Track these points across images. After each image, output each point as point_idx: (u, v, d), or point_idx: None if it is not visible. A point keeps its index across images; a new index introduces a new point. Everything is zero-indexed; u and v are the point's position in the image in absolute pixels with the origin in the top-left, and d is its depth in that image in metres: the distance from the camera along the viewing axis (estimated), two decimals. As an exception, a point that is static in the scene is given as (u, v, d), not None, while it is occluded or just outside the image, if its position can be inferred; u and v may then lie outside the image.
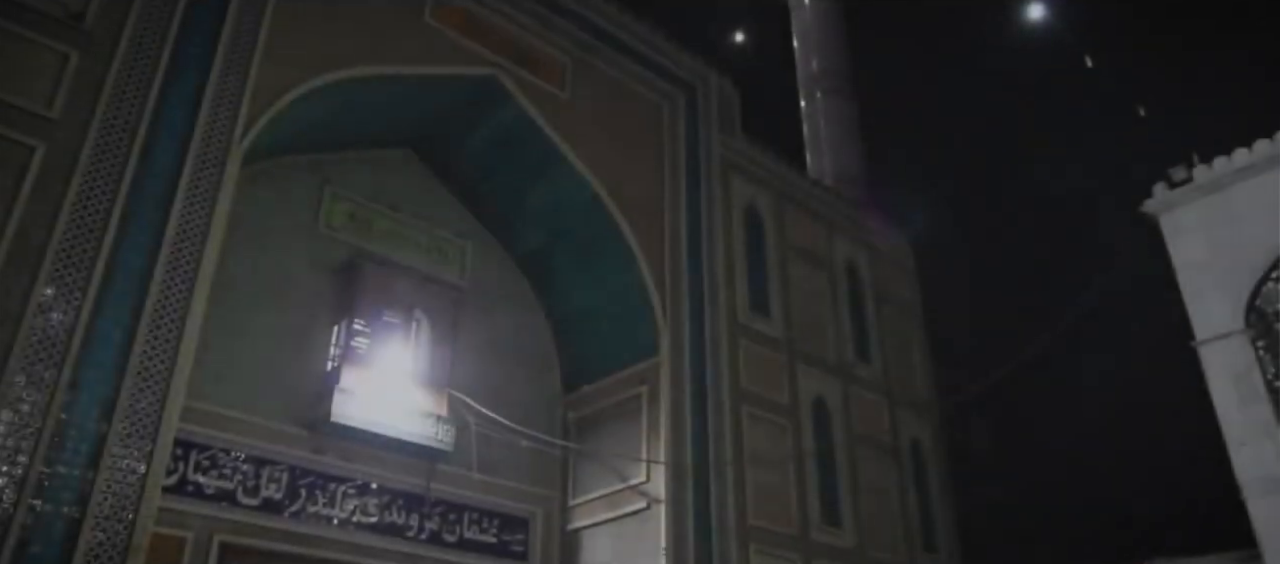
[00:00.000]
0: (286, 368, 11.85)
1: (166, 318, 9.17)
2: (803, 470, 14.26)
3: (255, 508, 11.09)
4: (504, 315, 14.45)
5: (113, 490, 8.37)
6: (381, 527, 12.03)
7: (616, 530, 12.92)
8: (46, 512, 7.98)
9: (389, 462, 12.21)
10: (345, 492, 11.88)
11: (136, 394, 8.76)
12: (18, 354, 8.19)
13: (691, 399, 13.23)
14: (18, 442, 8.00)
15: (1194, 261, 13.75)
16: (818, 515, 14.14)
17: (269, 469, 11.34)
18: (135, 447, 8.63)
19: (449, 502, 12.71)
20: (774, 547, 13.29)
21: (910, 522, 15.76)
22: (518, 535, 13.31)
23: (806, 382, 15.12)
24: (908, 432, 16.62)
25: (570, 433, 14.09)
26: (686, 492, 12.59)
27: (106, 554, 8.17)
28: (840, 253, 17.28)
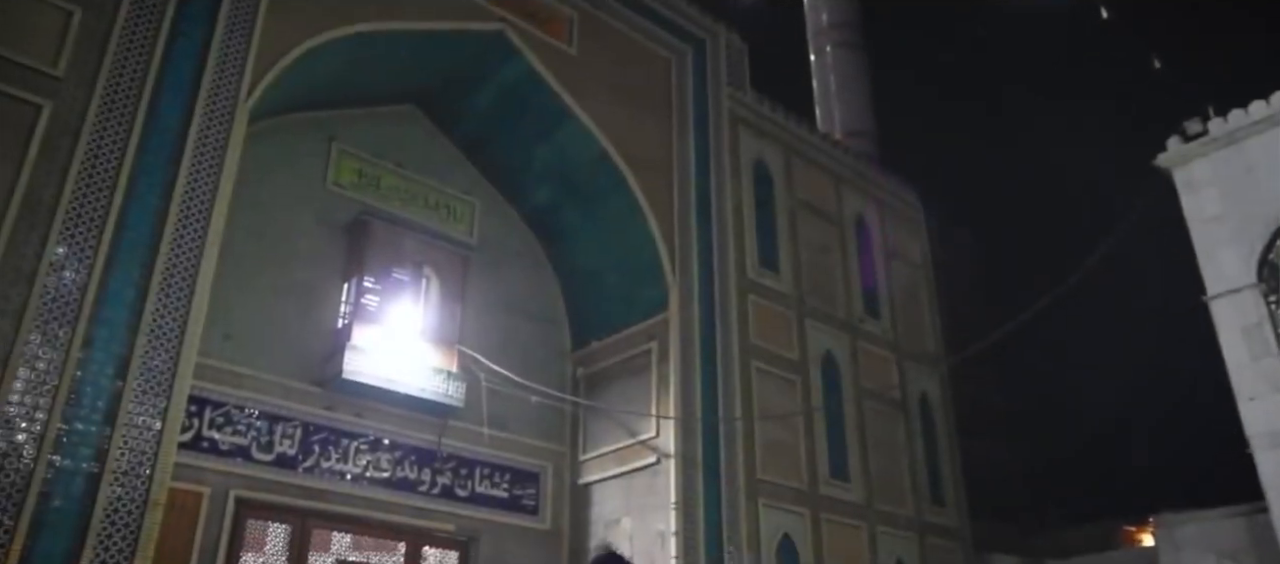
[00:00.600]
0: (297, 325, 11.93)
1: (177, 276, 9.21)
2: (811, 425, 14.35)
3: (270, 463, 11.23)
4: (513, 272, 14.49)
5: (130, 446, 8.48)
6: (394, 482, 12.18)
7: (626, 485, 13.05)
8: (66, 467, 8.10)
9: (400, 418, 12.33)
10: (358, 447, 12.01)
11: (150, 352, 8.83)
12: (32, 312, 8.25)
13: (700, 355, 13.28)
14: (36, 399, 8.10)
15: (1207, 216, 13.66)
16: (826, 469, 14.25)
17: (282, 425, 11.46)
18: (150, 403, 8.72)
19: (460, 457, 12.85)
20: (782, 500, 13.41)
21: (918, 476, 15.88)
22: (529, 490, 13.47)
23: (815, 337, 15.15)
24: (916, 386, 16.68)
25: (580, 388, 14.18)
26: (696, 446, 12.70)
27: (126, 508, 8.30)
28: (849, 208, 17.21)
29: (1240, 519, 14.00)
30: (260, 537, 11.29)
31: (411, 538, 12.39)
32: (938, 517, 15.90)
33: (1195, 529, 14.45)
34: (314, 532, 11.68)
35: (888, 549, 14.63)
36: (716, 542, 12.33)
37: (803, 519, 13.58)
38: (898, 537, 14.92)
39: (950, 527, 16.06)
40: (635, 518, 12.73)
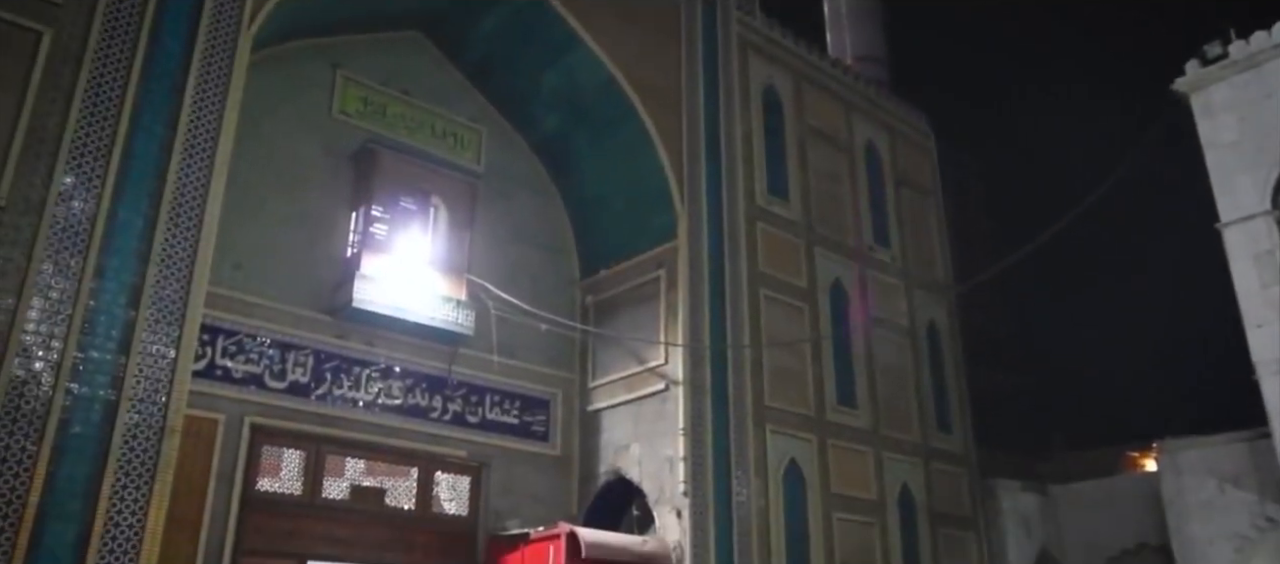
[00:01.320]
0: (307, 254, 11.96)
1: (185, 205, 9.20)
2: (819, 352, 14.43)
3: (283, 391, 11.37)
4: (521, 201, 14.44)
5: (145, 374, 8.58)
6: (406, 408, 12.34)
7: (635, 411, 13.20)
8: (83, 394, 8.21)
9: (411, 346, 12.44)
10: (369, 375, 12.14)
11: (161, 281, 8.88)
12: (42, 242, 8.28)
13: (709, 282, 13.30)
14: (51, 327, 8.17)
15: (1223, 141, 13.49)
16: (833, 396, 14.38)
17: (294, 353, 11.58)
18: (163, 332, 8.80)
19: (470, 384, 12.99)
20: (790, 427, 13.57)
21: (924, 403, 16.02)
22: (538, 416, 13.64)
23: (824, 265, 15.14)
24: (924, 314, 16.71)
25: (588, 316, 14.25)
26: (704, 373, 12.80)
27: (144, 435, 8.44)
28: (860, 135, 17.03)
29: (1242, 444, 14.16)
30: (275, 462, 11.49)
31: (424, 463, 12.61)
32: (943, 443, 16.08)
33: (1197, 454, 14.62)
34: (328, 457, 11.88)
35: (894, 475, 14.84)
36: (724, 467, 12.52)
37: (810, 445, 13.76)
38: (904, 462, 15.12)
39: (956, 453, 16.26)
40: (644, 444, 12.91)
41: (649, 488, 12.67)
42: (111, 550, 8.06)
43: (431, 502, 12.69)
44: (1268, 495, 13.66)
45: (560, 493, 13.42)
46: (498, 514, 12.74)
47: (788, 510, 13.05)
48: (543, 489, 13.24)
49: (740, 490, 12.55)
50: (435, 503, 12.76)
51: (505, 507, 12.83)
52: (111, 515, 8.12)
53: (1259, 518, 13.72)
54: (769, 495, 12.89)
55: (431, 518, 12.61)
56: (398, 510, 12.37)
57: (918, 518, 14.94)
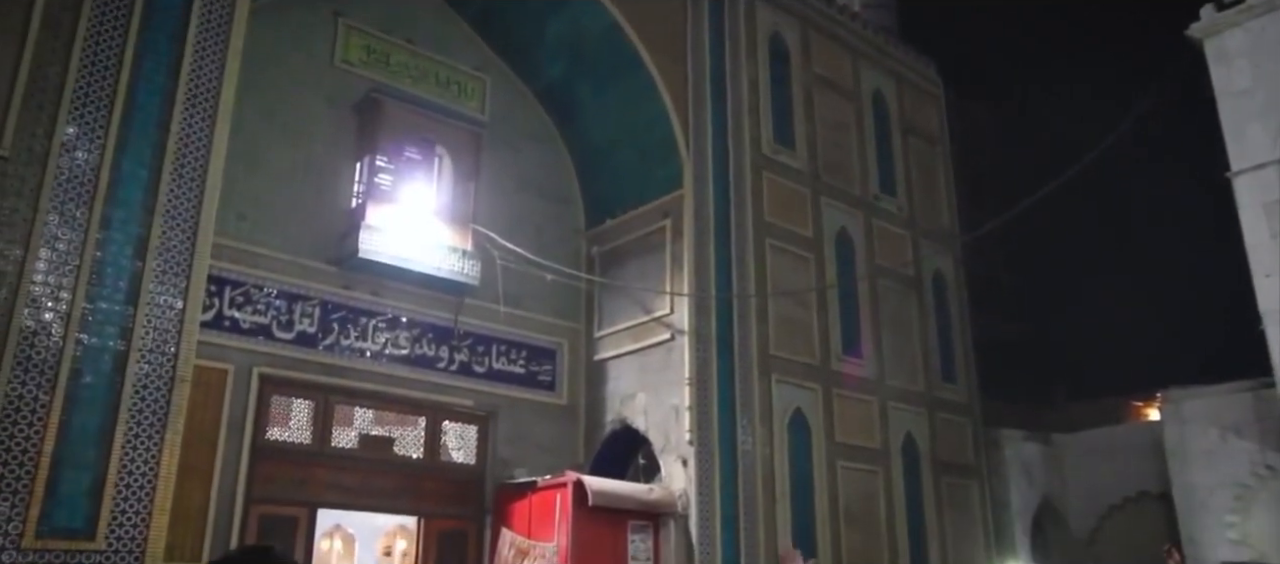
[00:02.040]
0: (312, 205, 11.93)
1: (189, 155, 9.16)
2: (825, 302, 14.43)
3: (290, 341, 11.43)
4: (526, 150, 14.36)
5: (154, 325, 8.62)
6: (413, 359, 12.41)
7: (641, 361, 13.26)
8: (93, 345, 8.26)
9: (417, 296, 12.47)
10: (376, 325, 12.18)
11: (167, 232, 8.87)
12: (47, 193, 8.27)
13: (715, 232, 13.27)
14: (59, 279, 8.20)
15: (1236, 88, 13.32)
16: (838, 346, 14.42)
17: (301, 304, 11.61)
18: (171, 283, 8.82)
19: (477, 334, 13.04)
20: (795, 376, 13.63)
21: (929, 353, 16.06)
22: (545, 366, 13.72)
23: (830, 214, 15.08)
24: (930, 264, 16.68)
25: (594, 266, 14.25)
26: (710, 323, 12.83)
27: (154, 385, 8.50)
28: (867, 83, 16.84)
29: (1245, 394, 14.22)
30: (285, 412, 11.59)
31: (431, 413, 12.72)
32: (948, 393, 16.16)
33: (1200, 404, 14.69)
34: (336, 407, 11.99)
35: (898, 424, 14.94)
36: (729, 416, 12.61)
37: (815, 394, 13.83)
38: (908, 412, 15.21)
39: (960, 402, 16.35)
40: (650, 393, 12.99)
41: (655, 437, 12.78)
42: (125, 498, 8.18)
43: (439, 450, 12.83)
44: (1269, 444, 13.75)
45: (567, 442, 13.55)
46: (505, 463, 12.88)
47: (792, 459, 13.17)
48: (549, 438, 13.37)
49: (745, 439, 12.66)
50: (443, 452, 12.90)
51: (512, 455, 12.96)
52: (124, 464, 8.22)
53: (1260, 466, 13.83)
54: (774, 444, 12.99)
55: (439, 466, 12.76)
56: (406, 459, 12.51)
57: (921, 467, 15.07)
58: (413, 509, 12.66)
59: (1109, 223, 19.06)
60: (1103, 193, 18.03)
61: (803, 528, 12.93)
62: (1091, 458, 16.54)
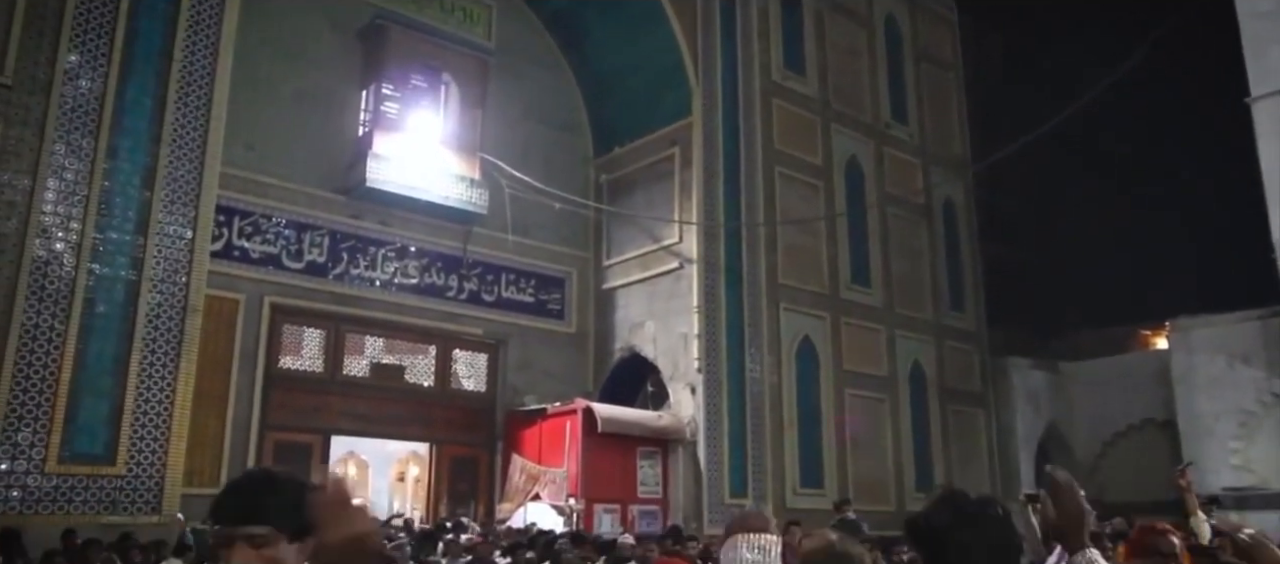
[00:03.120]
0: (319, 134, 11.84)
1: (193, 83, 9.08)
2: (834, 231, 14.37)
3: (300, 271, 11.46)
4: (533, 78, 14.16)
5: (164, 255, 8.65)
6: (422, 287, 12.45)
7: (649, 289, 13.29)
8: (105, 275, 8.31)
9: (425, 225, 12.45)
10: (385, 254, 12.20)
11: (174, 161, 8.84)
12: (53, 122, 8.22)
13: (724, 160, 13.15)
14: (68, 208, 8.20)
15: (1259, 10, 13.00)
16: (847, 274, 14.40)
17: (310, 234, 11.61)
18: (179, 213, 8.82)
19: (486, 263, 13.06)
20: (803, 305, 13.65)
21: (938, 281, 16.04)
22: (554, 294, 13.76)
23: (840, 141, 14.92)
24: (940, 192, 16.55)
25: (602, 195, 14.18)
26: (718, 251, 12.81)
27: (167, 314, 8.57)
28: (879, 8, 16.47)
29: (1254, 322, 14.19)
30: (297, 341, 11.69)
31: (442, 341, 12.81)
32: (956, 321, 16.18)
33: (1209, 332, 14.68)
34: (347, 336, 12.09)
35: (905, 352, 15.00)
36: (738, 344, 12.68)
37: (823, 322, 13.87)
38: (916, 340, 15.26)
39: (968, 330, 16.38)
40: (658, 321, 13.04)
41: (664, 364, 12.87)
42: (143, 425, 8.31)
43: (450, 378, 12.96)
44: (1275, 372, 13.77)
45: (576, 369, 13.66)
46: (515, 390, 13.01)
47: (800, 386, 13.27)
48: (559, 366, 13.47)
49: (753, 367, 12.74)
50: (454, 379, 13.04)
51: (522, 383, 13.09)
52: (141, 391, 8.34)
53: (1265, 394, 13.88)
54: (782, 372, 13.08)
55: (450, 394, 12.91)
56: (417, 387, 12.65)
57: (928, 394, 15.18)
58: (424, 436, 12.85)
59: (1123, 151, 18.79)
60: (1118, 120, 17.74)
61: (809, 456, 13.09)
62: (1098, 386, 16.62)
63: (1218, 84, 14.38)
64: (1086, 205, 20.10)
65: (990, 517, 1.51)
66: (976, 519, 1.50)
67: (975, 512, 1.51)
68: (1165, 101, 17.01)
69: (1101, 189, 19.67)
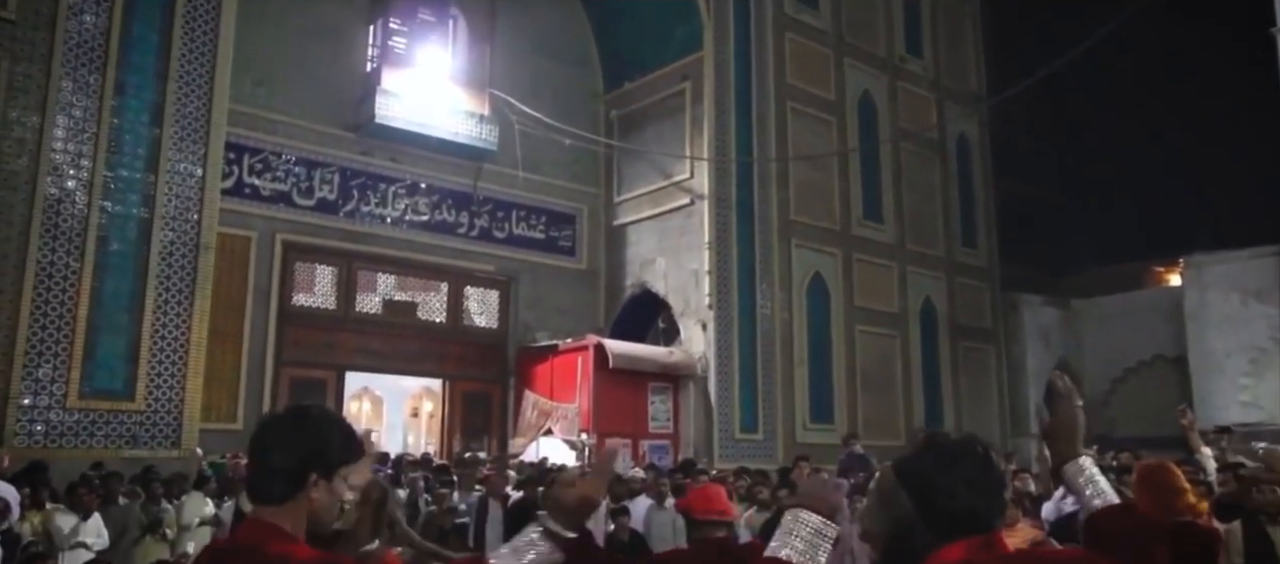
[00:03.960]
0: (327, 70, 11.72)
1: (199, 18, 8.98)
2: (846, 167, 14.25)
3: (311, 208, 11.46)
4: (541, 11, 13.92)
5: (175, 193, 8.66)
6: (433, 224, 12.44)
7: (661, 226, 13.25)
8: (117, 213, 8.33)
9: (435, 162, 12.39)
10: (395, 191, 12.17)
11: (182, 98, 8.79)
12: (59, 58, 8.17)
13: (735, 95, 12.99)
14: (78, 146, 8.19)
15: (1288, -62, 12.62)
16: (859, 211, 14.32)
17: (320, 171, 11.58)
18: (189, 150, 8.80)
19: (496, 200, 13.02)
20: (815, 241, 13.61)
21: (951, 217, 15.94)
22: (565, 231, 13.74)
23: (853, 76, 14.70)
24: (954, 127, 16.34)
25: (613, 130, 14.05)
26: (729, 187, 12.73)
27: (180, 251, 8.61)
28: (896, -64, 16.06)
29: (1269, 259, 14.10)
30: (309, 278, 11.75)
31: (453, 278, 12.85)
32: (968, 257, 16.12)
33: (1223, 269, 14.60)
34: (360, 273, 12.13)
35: (917, 289, 14.98)
36: (749, 280, 12.68)
37: (834, 259, 13.84)
38: (927, 277, 15.23)
39: (980, 267, 16.33)
40: (670, 258, 13.03)
41: (675, 301, 12.90)
42: (160, 361, 8.41)
43: (462, 315, 13.03)
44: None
45: (587, 306, 13.70)
46: (527, 327, 13.08)
47: (811, 323, 13.30)
48: (570, 302, 13.52)
49: (764, 303, 12.76)
50: (466, 316, 13.10)
51: (534, 319, 13.15)
52: (157, 328, 8.42)
53: (1277, 331, 13.85)
54: (793, 308, 13.10)
55: (463, 330, 12.99)
56: (429, 323, 12.73)
57: (939, 331, 15.20)
58: (437, 372, 12.97)
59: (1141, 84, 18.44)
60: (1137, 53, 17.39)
61: (820, 392, 13.17)
62: (1109, 322, 16.60)
63: (1240, 15, 14.05)
64: (1102, 140, 19.83)
65: (971, 455, 1.56)
66: (958, 460, 1.54)
67: (957, 453, 1.56)
68: (1185, 34, 16.64)
69: (1118, 124, 19.37)
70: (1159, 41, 16.65)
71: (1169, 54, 17.80)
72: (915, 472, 1.59)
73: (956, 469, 1.54)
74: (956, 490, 1.52)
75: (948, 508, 1.52)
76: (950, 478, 1.53)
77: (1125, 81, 18.78)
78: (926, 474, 1.57)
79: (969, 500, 1.52)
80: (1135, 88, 18.88)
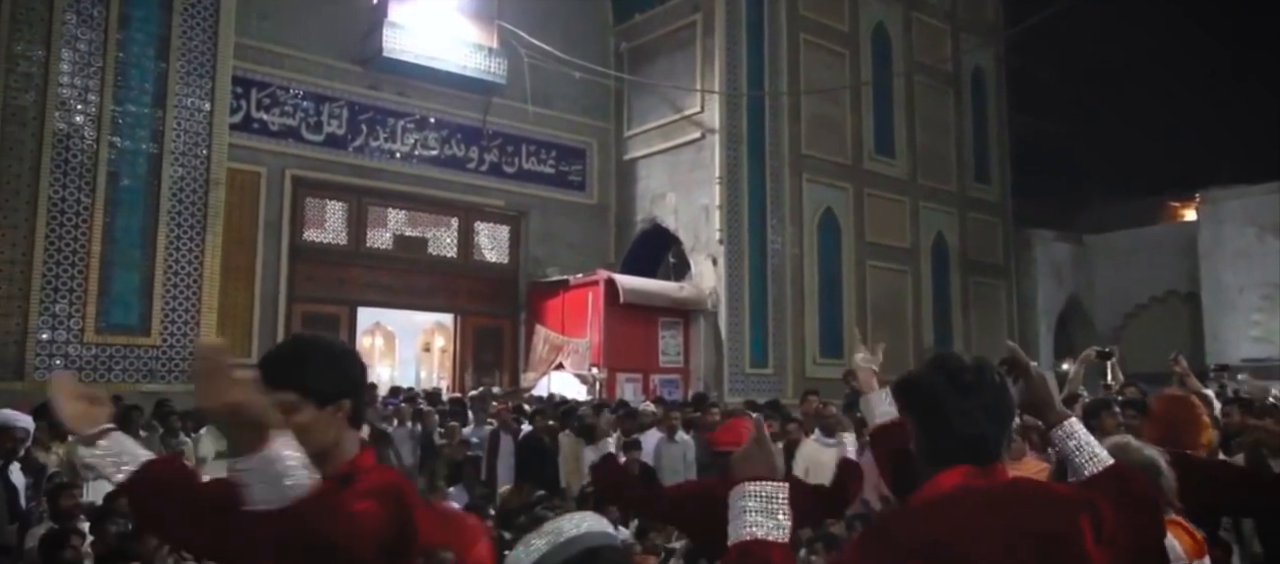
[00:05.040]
0: (332, 1, 11.54)
1: (203, -51, 8.84)
2: (858, 100, 14.06)
3: (320, 143, 11.41)
4: (549, -60, 13.63)
5: (183, 128, 8.63)
6: (443, 159, 12.38)
7: (671, 160, 13.15)
8: (127, 148, 8.32)
9: (444, 96, 12.28)
10: (404, 126, 12.09)
11: (187, 31, 8.71)
12: (62, -10, 8.08)
13: (747, 27, 12.77)
14: (85, 80, 8.15)
15: None
16: (871, 145, 14.17)
17: (328, 105, 11.50)
18: (196, 85, 8.75)
19: (506, 135, 12.93)
20: (826, 175, 13.51)
21: (964, 152, 15.76)
22: (575, 166, 13.66)
23: (867, 7, 14.40)
24: (970, 60, 16.06)
25: (623, 64, 13.86)
26: (741, 121, 12.60)
27: (190, 186, 8.61)
28: None
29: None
30: (319, 214, 11.75)
31: (463, 213, 12.84)
32: (981, 193, 15.98)
33: (1239, 204, 14.46)
34: (370, 208, 12.12)
35: (929, 224, 14.90)
36: (759, 215, 12.62)
37: (845, 194, 13.75)
38: (939, 212, 15.12)
39: (993, 202, 16.20)
40: (680, 193, 12.96)
41: (685, 236, 12.87)
42: (174, 296, 8.48)
43: (473, 250, 13.05)
44: (1306, 243, 13.62)
45: (598, 241, 13.69)
46: (537, 262, 13.10)
47: (821, 258, 13.27)
48: (580, 237, 13.50)
49: (775, 238, 12.72)
50: (476, 251, 13.13)
51: (544, 254, 13.16)
52: (169, 264, 8.47)
53: (1292, 266, 13.77)
54: (803, 243, 13.06)
55: (473, 266, 13.02)
56: (440, 259, 12.76)
57: (950, 266, 15.16)
58: (448, 307, 13.04)
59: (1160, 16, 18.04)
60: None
61: (830, 327, 13.20)
62: (1123, 258, 16.52)
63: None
64: (1119, 74, 19.48)
65: (988, 381, 1.55)
66: (974, 385, 1.53)
67: (973, 377, 1.54)
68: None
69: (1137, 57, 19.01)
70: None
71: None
72: (924, 390, 1.57)
73: (972, 394, 1.52)
74: (973, 415, 1.50)
75: (959, 432, 1.50)
76: (965, 402, 1.51)
77: (1144, 14, 18.36)
78: (938, 395, 1.54)
79: (982, 427, 1.50)
80: (1154, 20, 18.46)
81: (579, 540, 1.38)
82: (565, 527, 1.40)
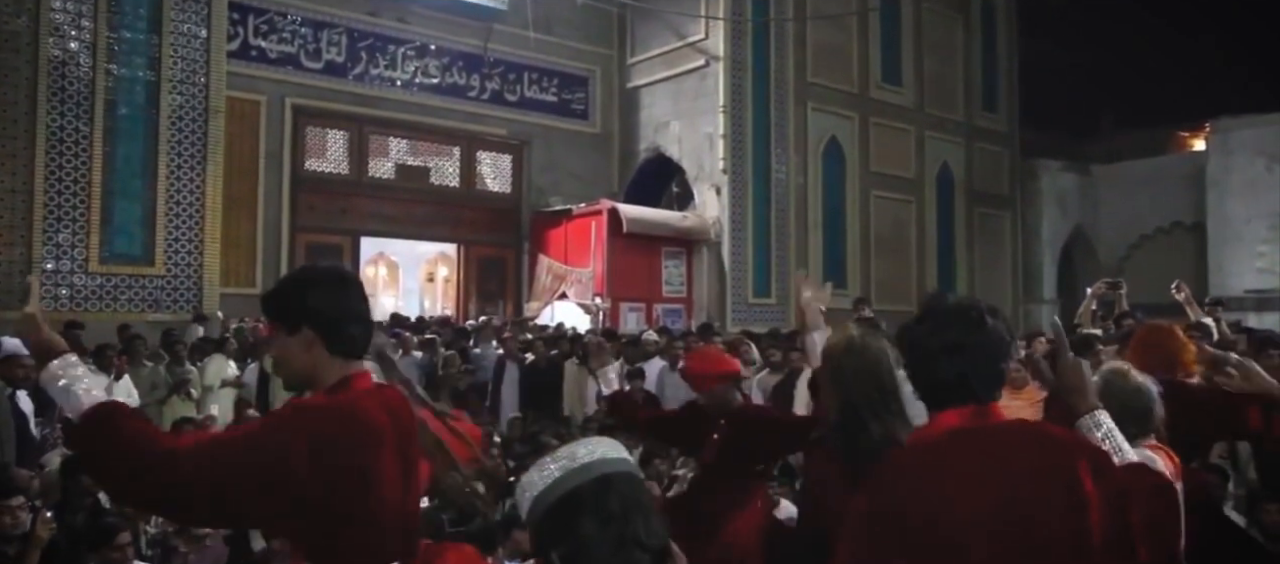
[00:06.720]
0: (328, -76, 11.30)
1: None
2: (865, 27, 13.81)
3: (320, 71, 11.26)
4: None
5: (181, 54, 8.52)
6: (444, 88, 12.24)
7: (675, 88, 12.99)
8: (124, 75, 8.22)
9: (445, 22, 12.09)
10: (405, 53, 11.92)
11: (182, -46, 8.53)
12: (52, -89, 7.89)
13: (753, -49, 12.48)
14: (78, 6, 8.01)
15: None
16: (877, 73, 13.97)
17: (327, 32, 11.32)
18: (191, 10, 8.62)
19: (508, 62, 12.75)
20: (832, 104, 13.35)
21: (972, 80, 15.53)
22: (578, 94, 13.51)
23: (877, -70, 14.05)
24: (980, -16, 15.71)
25: (626, -10, 13.59)
26: (745, 49, 12.41)
27: (189, 115, 8.54)
28: None
29: (1299, 123, 13.76)
30: (320, 143, 11.67)
31: (465, 142, 12.74)
32: (988, 122, 15.79)
33: (1249, 133, 14.28)
34: (371, 137, 12.03)
35: (935, 154, 14.76)
36: (764, 144, 12.51)
37: (851, 123, 13.60)
38: (946, 141, 14.97)
39: (1000, 131, 16.02)
40: (684, 121, 12.83)
41: (688, 165, 12.78)
42: (177, 226, 8.47)
43: (475, 179, 12.99)
44: (1315, 174, 13.49)
45: (601, 170, 13.60)
46: (540, 191, 13.04)
47: (826, 188, 13.20)
48: (583, 167, 13.42)
49: (779, 168, 12.63)
50: (479, 180, 13.06)
51: (547, 184, 13.09)
52: (171, 194, 8.45)
53: (1300, 196, 13.66)
54: (808, 173, 12.97)
55: (476, 195, 12.97)
56: (443, 188, 12.71)
57: (955, 196, 15.06)
58: (451, 237, 13.04)
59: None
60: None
61: (833, 256, 13.18)
62: (1129, 188, 16.37)
63: None
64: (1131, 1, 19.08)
65: (965, 320, 1.56)
66: (949, 326, 1.56)
67: (950, 318, 1.57)
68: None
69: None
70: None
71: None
72: (910, 341, 1.60)
73: (948, 335, 1.54)
74: (956, 359, 1.52)
75: (938, 376, 1.54)
76: (940, 343, 1.54)
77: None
78: (918, 342, 1.58)
79: (959, 367, 1.52)
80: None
81: (593, 466, 1.39)
82: (579, 452, 1.42)
